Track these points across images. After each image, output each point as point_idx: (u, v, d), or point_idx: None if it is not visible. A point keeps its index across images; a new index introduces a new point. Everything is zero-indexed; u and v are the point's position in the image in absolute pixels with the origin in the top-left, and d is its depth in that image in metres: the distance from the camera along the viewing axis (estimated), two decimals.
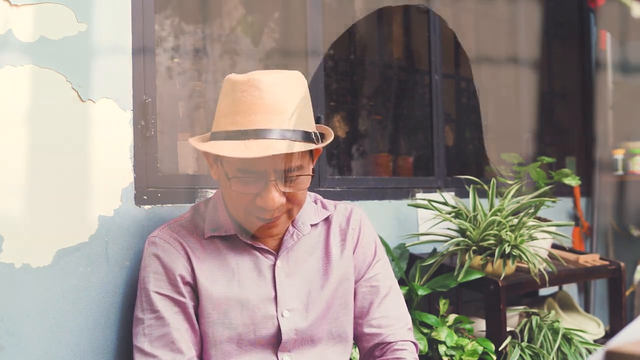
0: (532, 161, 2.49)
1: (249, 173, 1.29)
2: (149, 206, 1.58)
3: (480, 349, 1.85)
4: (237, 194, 1.32)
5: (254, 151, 1.22)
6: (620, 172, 3.28)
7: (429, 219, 2.25)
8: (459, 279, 1.95)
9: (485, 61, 2.73)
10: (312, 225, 1.48)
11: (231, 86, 1.30)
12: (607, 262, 2.47)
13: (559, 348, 1.99)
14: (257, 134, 1.25)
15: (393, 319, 1.51)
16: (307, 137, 1.30)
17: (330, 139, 1.37)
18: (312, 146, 1.30)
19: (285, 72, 1.34)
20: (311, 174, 1.35)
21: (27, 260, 1.37)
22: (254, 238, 1.41)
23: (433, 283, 1.98)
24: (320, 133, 1.38)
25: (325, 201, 1.55)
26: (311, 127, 1.34)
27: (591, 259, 2.43)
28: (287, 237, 1.44)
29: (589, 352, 2.04)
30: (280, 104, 1.27)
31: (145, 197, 1.58)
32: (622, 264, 2.48)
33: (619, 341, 0.75)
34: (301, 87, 1.33)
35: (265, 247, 1.42)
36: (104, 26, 1.50)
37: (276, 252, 1.43)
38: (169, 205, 1.62)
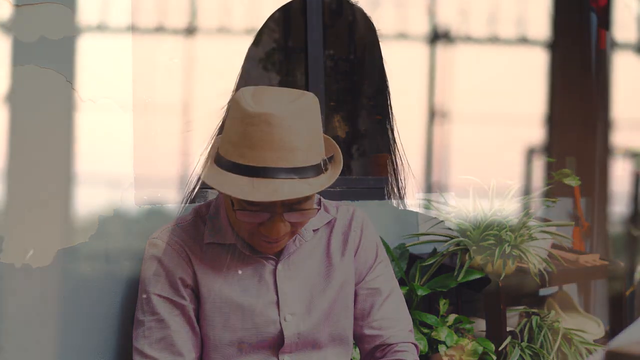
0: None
1: (254, 206, 1.28)
2: (149, 206, 1.58)
3: (480, 349, 1.85)
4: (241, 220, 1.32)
5: (260, 194, 1.22)
6: (620, 171, 3.28)
7: (429, 219, 2.24)
8: (459, 279, 1.95)
9: (487, 52, 2.73)
10: (314, 230, 1.48)
11: (240, 113, 1.26)
12: (607, 262, 2.46)
13: (559, 348, 1.99)
14: (265, 172, 1.23)
15: (394, 320, 1.50)
16: (316, 170, 1.29)
17: (339, 166, 1.36)
18: (319, 188, 1.29)
19: (299, 98, 1.29)
20: (317, 207, 1.35)
21: (27, 260, 1.37)
22: (254, 249, 1.41)
23: (433, 283, 1.98)
24: (329, 157, 1.36)
25: (327, 203, 1.53)
26: (321, 153, 1.32)
27: (591, 259, 2.43)
28: (290, 243, 1.43)
29: (589, 352, 2.04)
30: (290, 140, 1.24)
31: (145, 197, 1.58)
32: (622, 264, 2.47)
33: (620, 341, 0.75)
34: (314, 115, 1.30)
35: (266, 254, 1.42)
36: (104, 26, 1.50)
37: (277, 256, 1.43)
38: (169, 205, 1.62)
